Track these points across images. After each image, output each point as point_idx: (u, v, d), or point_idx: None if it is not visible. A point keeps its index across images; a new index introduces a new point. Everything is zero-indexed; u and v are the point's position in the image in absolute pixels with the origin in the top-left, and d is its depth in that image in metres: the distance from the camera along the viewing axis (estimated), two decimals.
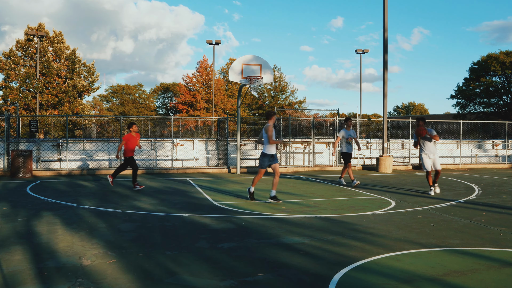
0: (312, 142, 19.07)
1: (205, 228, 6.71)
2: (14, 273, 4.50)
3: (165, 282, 4.28)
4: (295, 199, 9.69)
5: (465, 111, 44.80)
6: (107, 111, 67.60)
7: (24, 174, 14.75)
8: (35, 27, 35.42)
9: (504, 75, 41.78)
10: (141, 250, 5.40)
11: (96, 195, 10.32)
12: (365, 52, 38.06)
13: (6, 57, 34.53)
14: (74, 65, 36.15)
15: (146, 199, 9.58)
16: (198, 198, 9.84)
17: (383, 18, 18.62)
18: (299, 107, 52.65)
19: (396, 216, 7.74)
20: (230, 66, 16.30)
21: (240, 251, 5.43)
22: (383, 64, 18.75)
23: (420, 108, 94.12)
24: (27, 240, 5.90)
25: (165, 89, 72.28)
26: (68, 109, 35.61)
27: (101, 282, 4.26)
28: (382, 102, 18.94)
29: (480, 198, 10.01)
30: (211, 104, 46.22)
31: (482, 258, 5.12)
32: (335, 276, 4.43)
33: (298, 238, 6.09)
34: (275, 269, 4.71)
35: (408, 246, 5.66)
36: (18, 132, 17.40)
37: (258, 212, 8.03)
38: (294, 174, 16.64)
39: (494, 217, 7.72)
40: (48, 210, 8.13)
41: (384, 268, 4.72)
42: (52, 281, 4.26)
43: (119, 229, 6.61)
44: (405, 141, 21.67)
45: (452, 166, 20.48)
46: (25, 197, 9.92)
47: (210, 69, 48.73)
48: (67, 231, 6.41)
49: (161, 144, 18.27)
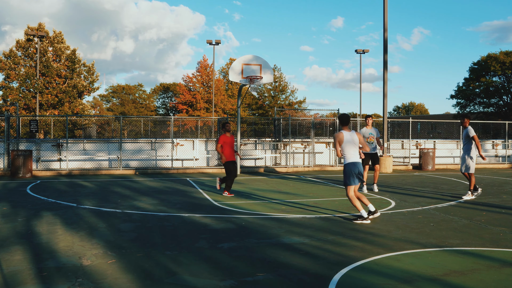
0: (312, 142, 19.07)
1: (205, 228, 6.71)
2: (14, 273, 4.50)
3: (165, 282, 4.28)
4: (295, 199, 9.68)
5: (465, 111, 44.82)
6: (107, 111, 67.60)
7: (24, 174, 14.75)
8: (35, 27, 35.41)
9: (504, 75, 41.80)
10: (141, 250, 5.40)
11: (96, 195, 10.32)
12: (365, 52, 38.05)
13: (6, 57, 34.53)
14: (74, 65, 36.15)
15: (146, 199, 9.58)
16: (198, 198, 9.84)
17: (383, 18, 18.62)
18: (299, 107, 52.67)
19: (396, 216, 7.73)
20: (230, 66, 16.30)
21: (240, 251, 5.43)
22: (383, 64, 18.75)
23: (420, 108, 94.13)
24: (27, 240, 5.90)
25: (165, 89, 72.30)
26: (68, 109, 35.61)
27: (101, 282, 4.26)
28: (382, 102, 18.95)
29: (480, 198, 10.00)
30: (211, 104, 46.23)
31: (482, 258, 5.12)
32: (335, 276, 4.43)
33: (298, 238, 6.09)
34: (275, 269, 4.71)
35: (408, 246, 5.66)
36: (18, 132, 17.40)
37: (258, 212, 8.03)
38: (294, 174, 16.64)
39: (494, 217, 7.72)
40: (48, 210, 8.13)
41: (384, 268, 4.72)
42: (52, 281, 4.26)
43: (119, 229, 6.61)
44: (405, 141, 21.67)
45: (452, 166, 20.48)
46: (25, 197, 9.92)
47: (210, 69, 48.74)
48: (67, 231, 6.41)
49: (161, 144, 18.27)
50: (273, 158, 19.25)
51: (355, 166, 7.27)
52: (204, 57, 50.37)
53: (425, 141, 22.08)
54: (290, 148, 18.83)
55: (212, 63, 44.23)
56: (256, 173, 16.83)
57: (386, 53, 18.70)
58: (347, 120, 7.43)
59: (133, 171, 16.54)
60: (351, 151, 7.28)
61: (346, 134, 7.31)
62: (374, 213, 7.38)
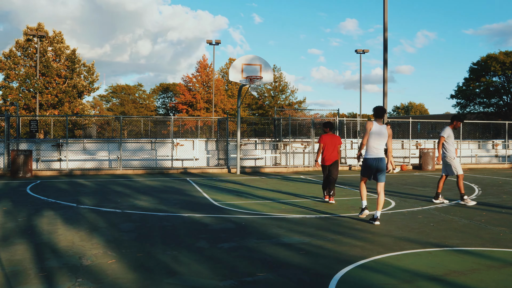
0: (312, 142, 19.06)
1: (205, 228, 6.71)
2: (14, 273, 4.50)
3: (165, 282, 4.28)
4: (295, 199, 9.68)
5: (465, 111, 44.82)
6: (107, 111, 67.58)
7: (24, 174, 14.75)
8: (35, 27, 35.40)
9: (504, 75, 41.80)
10: (141, 250, 5.40)
11: (96, 195, 10.31)
12: (365, 52, 38.10)
13: (6, 57, 34.52)
14: (74, 65, 36.15)
15: (146, 199, 9.58)
16: (198, 198, 9.84)
17: (383, 18, 18.65)
18: (299, 107, 52.67)
19: (396, 216, 7.73)
20: (230, 66, 16.30)
21: (240, 251, 5.43)
22: (383, 62, 18.77)
23: (420, 108, 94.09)
24: (27, 240, 5.90)
25: (165, 89, 72.28)
26: (68, 109, 35.60)
27: (101, 282, 4.26)
28: (382, 101, 18.95)
29: (480, 198, 10.00)
30: (211, 104, 46.23)
31: (482, 258, 5.12)
32: (335, 276, 4.43)
33: (298, 238, 6.09)
34: (275, 269, 4.71)
35: (408, 246, 5.66)
36: (18, 132, 17.40)
37: (258, 212, 8.03)
38: (294, 174, 16.64)
39: (494, 217, 7.72)
40: (48, 210, 8.13)
41: (384, 268, 4.72)
42: (52, 281, 4.26)
43: (119, 229, 6.61)
44: (405, 141, 21.67)
45: None
46: (25, 197, 9.92)
47: (210, 69, 48.72)
48: (67, 231, 6.41)
49: (161, 144, 18.27)
50: (273, 158, 19.25)
51: (372, 161, 6.96)
52: (204, 57, 50.33)
53: (425, 141, 22.09)
54: (290, 148, 18.83)
55: (212, 63, 44.27)
56: (256, 173, 16.83)
57: (386, 52, 18.72)
58: (381, 113, 7.01)
59: (133, 170, 16.54)
60: (375, 144, 6.95)
61: (376, 125, 7.00)
62: (362, 211, 7.27)
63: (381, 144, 6.96)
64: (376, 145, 6.94)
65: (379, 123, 7.03)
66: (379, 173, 6.96)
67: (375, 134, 6.92)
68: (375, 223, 6.91)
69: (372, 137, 6.93)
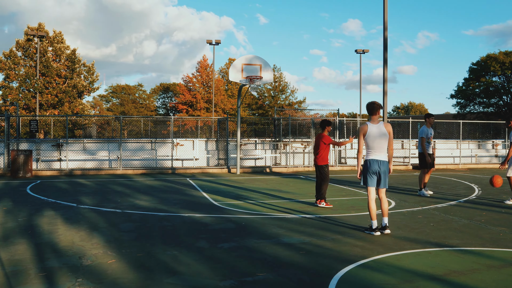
0: (312, 142, 19.06)
1: (205, 228, 6.71)
2: (14, 273, 4.50)
3: (165, 282, 4.28)
4: (295, 199, 9.69)
5: (465, 111, 44.81)
6: (107, 111, 67.58)
7: (24, 174, 14.75)
8: (35, 27, 35.40)
9: (504, 75, 41.78)
10: (141, 250, 5.40)
11: (96, 194, 10.32)
12: (365, 52, 38.08)
13: (6, 57, 34.52)
14: (74, 65, 36.15)
15: (146, 199, 9.58)
16: (198, 198, 9.84)
17: (383, 17, 18.61)
18: (299, 107, 52.66)
19: (396, 216, 7.74)
20: (230, 66, 16.31)
21: (240, 251, 5.43)
22: (383, 62, 18.68)
23: (420, 108, 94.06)
24: (27, 240, 5.90)
25: (165, 89, 72.27)
26: (68, 109, 35.60)
27: (101, 282, 4.26)
28: (382, 100, 18.92)
29: (480, 198, 10.01)
30: (211, 104, 46.22)
31: (482, 258, 5.12)
32: (335, 276, 4.43)
33: (298, 237, 6.09)
34: (275, 269, 4.71)
35: (408, 246, 5.66)
36: (18, 132, 17.40)
37: (258, 212, 8.03)
38: (294, 174, 16.64)
39: (494, 217, 7.72)
40: (48, 210, 8.13)
41: (384, 268, 4.72)
42: (52, 281, 4.26)
43: (119, 229, 6.61)
44: (405, 141, 21.67)
45: (452, 166, 20.48)
46: (25, 197, 9.92)
47: (210, 69, 48.73)
48: (67, 231, 6.41)
49: (161, 144, 18.27)
50: (273, 158, 19.25)
51: (374, 163, 6.23)
52: (204, 57, 50.29)
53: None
54: (290, 148, 18.83)
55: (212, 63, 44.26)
56: (256, 173, 16.83)
57: (386, 51, 18.67)
58: (374, 109, 6.27)
59: (133, 170, 16.54)
60: (375, 145, 6.21)
61: (371, 126, 6.24)
62: (372, 231, 6.34)
63: (382, 144, 6.23)
64: (376, 147, 6.23)
65: (375, 122, 6.27)
66: (382, 177, 6.29)
67: (373, 135, 6.19)
68: (385, 232, 6.29)
69: (370, 139, 6.20)
